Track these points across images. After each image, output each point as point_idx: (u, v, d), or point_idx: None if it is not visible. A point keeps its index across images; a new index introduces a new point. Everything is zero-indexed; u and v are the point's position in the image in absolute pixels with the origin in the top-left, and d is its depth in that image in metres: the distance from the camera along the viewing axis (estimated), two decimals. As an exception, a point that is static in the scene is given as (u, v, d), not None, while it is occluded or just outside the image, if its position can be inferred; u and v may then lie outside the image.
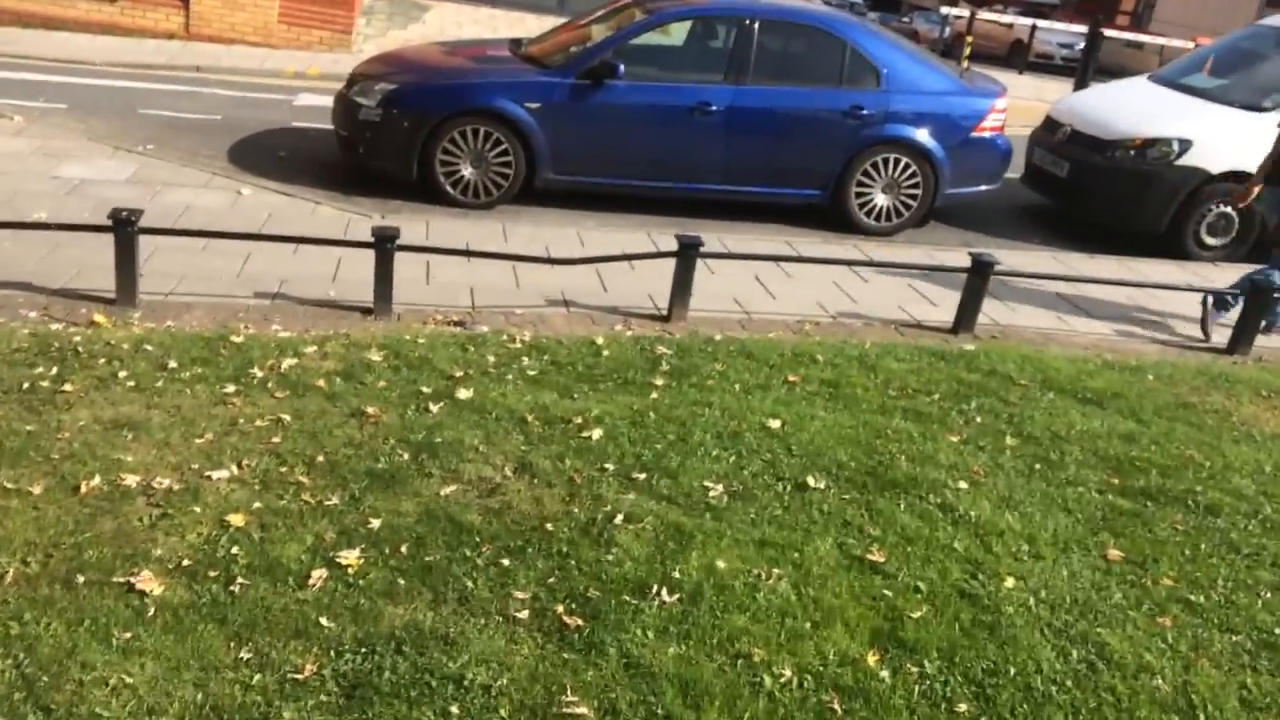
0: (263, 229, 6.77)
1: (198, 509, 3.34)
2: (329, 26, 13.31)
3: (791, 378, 4.98)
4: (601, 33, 8.32)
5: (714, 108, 7.87)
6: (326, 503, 3.48)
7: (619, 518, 3.52)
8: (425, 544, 3.27)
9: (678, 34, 8.56)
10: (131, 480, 3.46)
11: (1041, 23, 21.47)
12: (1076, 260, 8.07)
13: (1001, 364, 5.49)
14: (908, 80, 8.19)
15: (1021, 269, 7.07)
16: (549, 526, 3.45)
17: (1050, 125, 9.27)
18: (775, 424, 4.41)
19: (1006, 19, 24.76)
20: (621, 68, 7.69)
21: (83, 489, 3.39)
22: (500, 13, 16.81)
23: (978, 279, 6.01)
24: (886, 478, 4.04)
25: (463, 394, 4.43)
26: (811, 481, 3.93)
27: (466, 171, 7.81)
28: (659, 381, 4.78)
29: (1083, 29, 22.46)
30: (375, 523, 3.36)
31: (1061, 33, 23.81)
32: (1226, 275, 8.20)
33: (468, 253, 5.92)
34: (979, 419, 4.77)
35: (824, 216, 8.38)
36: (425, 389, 4.46)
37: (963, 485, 4.07)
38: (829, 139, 8.09)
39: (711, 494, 3.78)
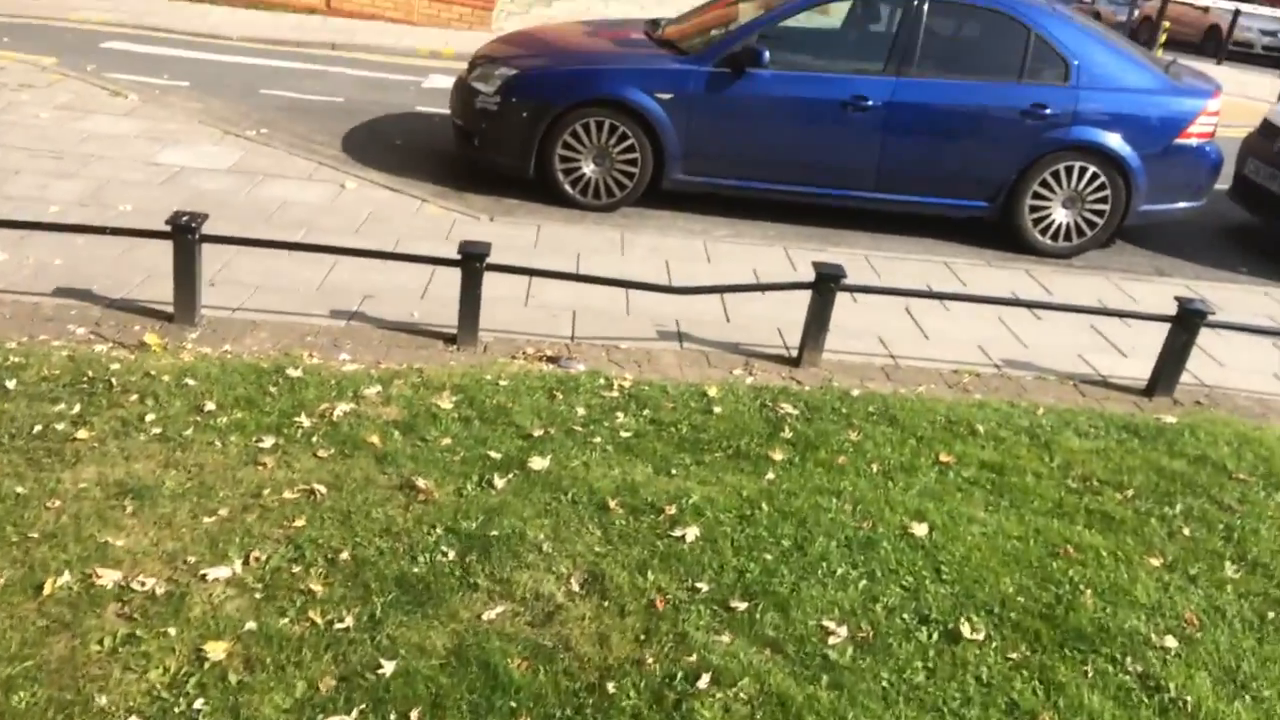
0: (360, 228, 6.18)
1: (174, 630, 2.68)
2: (469, 3, 12.76)
3: (944, 457, 4.04)
4: (749, 13, 7.41)
5: (870, 102, 6.89)
6: (337, 625, 2.77)
7: (705, 678, 2.70)
8: (445, 707, 2.52)
9: (835, 15, 7.58)
10: (109, 578, 2.84)
11: (1245, 6, 19.31)
12: (1299, 298, 6.79)
13: (1213, 446, 4.41)
14: (1102, 75, 7.00)
15: (1236, 318, 5.86)
16: (611, 687, 2.65)
17: (1270, 131, 7.90)
18: (921, 529, 3.50)
19: (1203, 1, 22.50)
20: (766, 55, 6.78)
21: (48, 588, 2.78)
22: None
23: (1183, 332, 4.91)
24: (1068, 624, 3.09)
25: (537, 463, 3.67)
26: (967, 629, 3.02)
27: (588, 169, 7.05)
28: (778, 455, 3.92)
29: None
30: (389, 666, 2.63)
31: (1265, 18, 21.48)
32: None
33: (565, 275, 5.14)
34: (1187, 530, 3.74)
35: (991, 232, 7.30)
36: (495, 453, 3.72)
37: (1170, 643, 3.08)
38: (1003, 142, 7.00)
39: (832, 641, 2.91)
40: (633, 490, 3.55)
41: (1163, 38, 17.57)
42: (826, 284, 4.72)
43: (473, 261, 4.60)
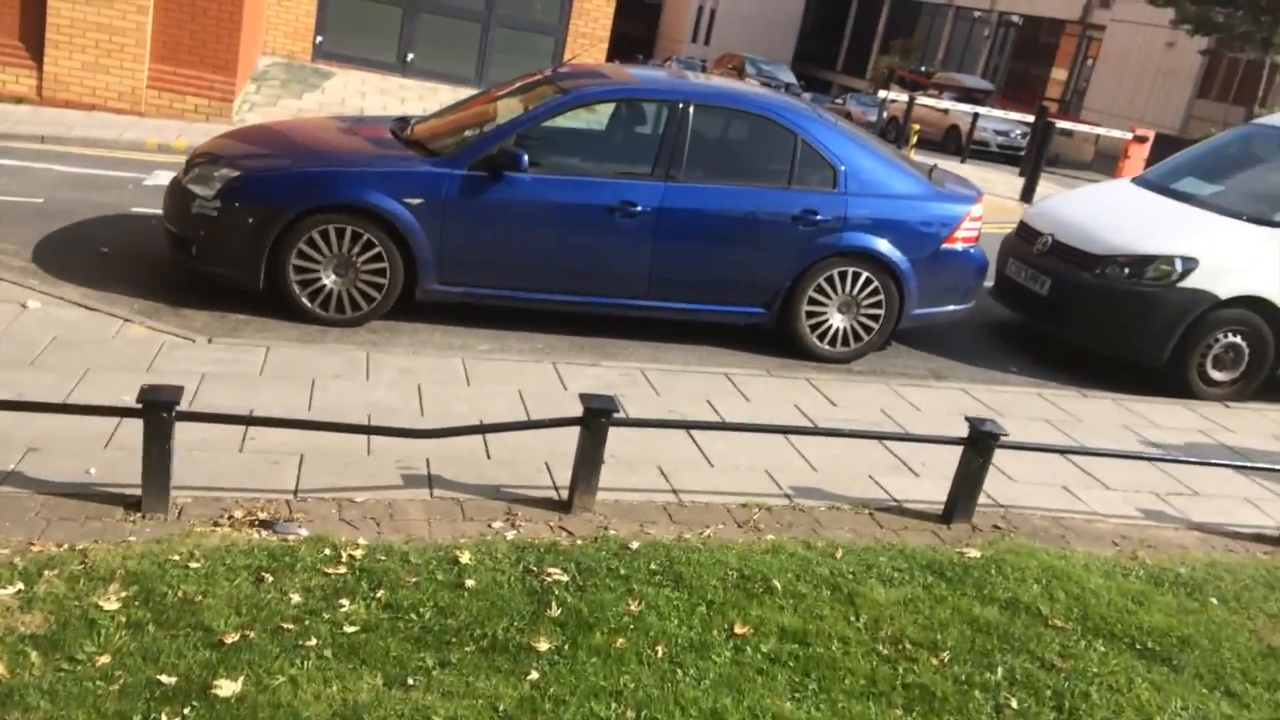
0: (38, 359, 5.10)
1: None
2: (206, 93, 11.71)
3: (740, 627, 3.45)
4: (506, 113, 6.87)
5: (639, 208, 6.43)
6: None
7: None
8: None
9: (597, 119, 7.15)
10: None
11: (981, 110, 20.70)
12: (1069, 400, 6.73)
13: (1022, 585, 4.02)
14: (870, 181, 6.84)
15: (1020, 433, 5.66)
16: None
17: (1026, 233, 8.01)
18: (718, 737, 2.86)
19: (943, 104, 24.06)
20: (525, 158, 6.22)
21: None
22: (412, 83, 15.38)
23: (977, 455, 4.57)
24: None
25: (226, 687, 2.80)
26: None
27: (329, 280, 6.23)
28: (544, 644, 3.21)
29: (1020, 117, 21.80)
30: None
31: (998, 120, 23.12)
32: (1241, 419, 6.93)
33: (285, 423, 4.30)
34: (1014, 703, 3.27)
35: (770, 338, 6.95)
36: (168, 676, 2.83)
37: None
38: (776, 248, 6.69)
39: None
40: (355, 718, 2.74)
41: (913, 139, 18.44)
42: (597, 419, 4.10)
43: (158, 411, 3.69)
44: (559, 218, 6.42)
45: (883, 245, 6.77)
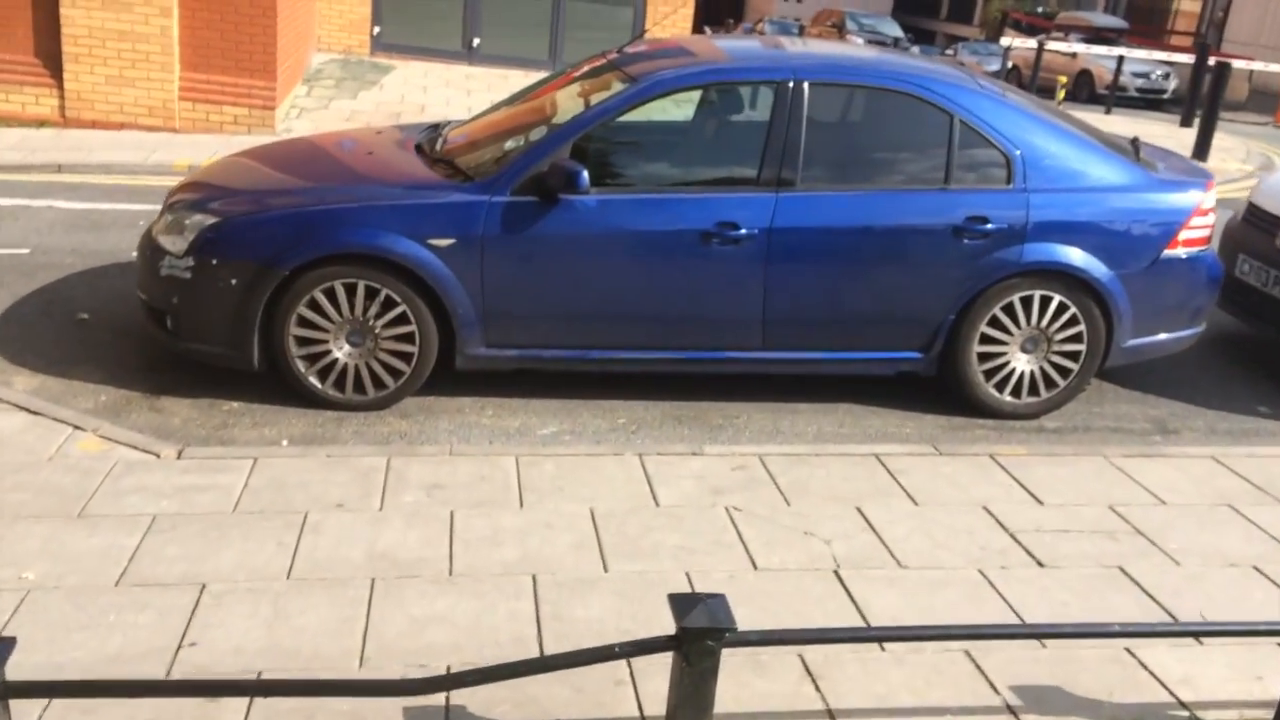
0: (-67, 508, 3.71)
1: None
2: (245, 101, 10.38)
3: None
4: (561, 112, 5.26)
5: (743, 231, 4.76)
6: None
7: None
8: None
9: (680, 112, 5.49)
10: None
11: (1124, 51, 18.27)
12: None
13: None
14: (1057, 170, 5.02)
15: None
16: None
17: (1262, 219, 6.05)
18: None
19: (1073, 47, 21.57)
20: (584, 175, 4.59)
21: None
22: (480, 70, 13.86)
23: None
24: None
25: None
26: None
27: (341, 353, 4.74)
28: None
29: (1163, 56, 19.26)
30: None
31: (1136, 60, 20.55)
32: None
33: (145, 688, 2.77)
34: None
35: (928, 388, 5.23)
36: None
37: None
38: (933, 271, 4.94)
39: None
40: None
41: (1061, 92, 16.16)
42: (700, 644, 2.46)
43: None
44: (635, 250, 4.79)
45: (1080, 258, 4.95)
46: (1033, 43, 20.16)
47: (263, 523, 3.73)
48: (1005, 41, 19.93)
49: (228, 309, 4.65)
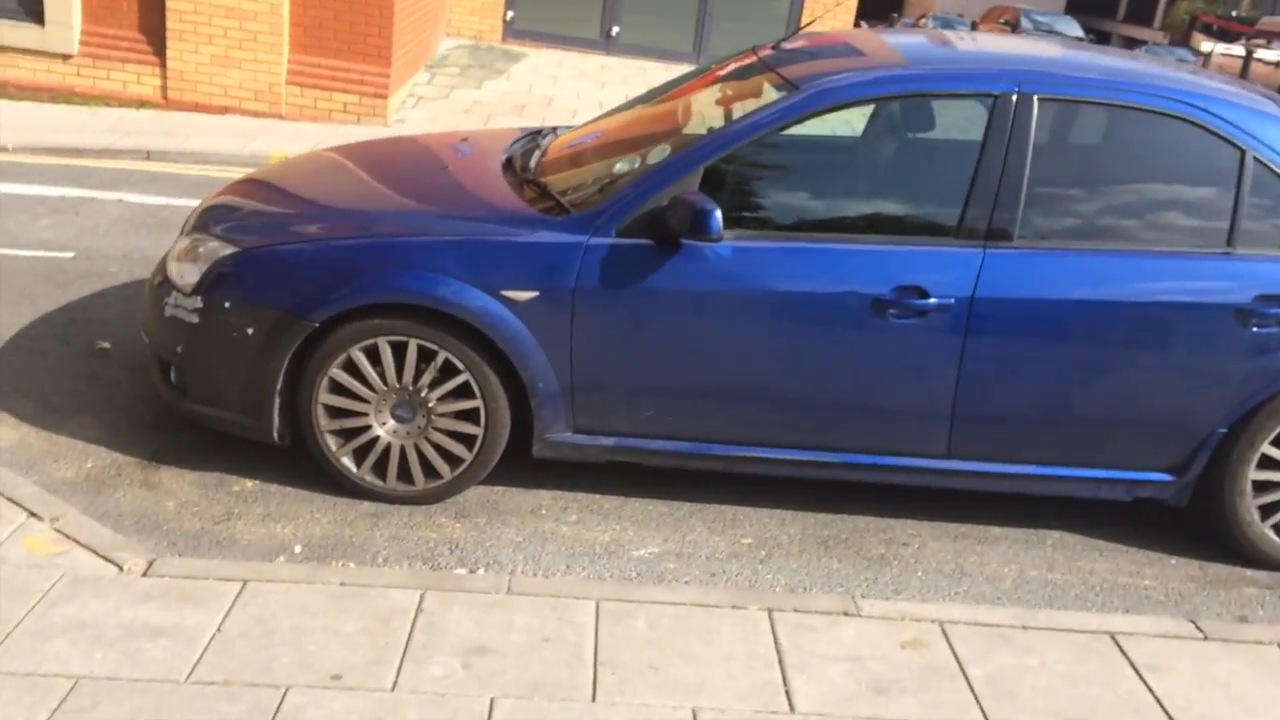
0: None
1: None
2: (356, 89, 9.46)
3: None
4: (694, 124, 4.01)
5: (934, 300, 3.43)
6: None
7: None
8: None
9: (847, 130, 4.16)
10: None
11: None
12: None
13: None
14: (1391, 232, 3.52)
15: None
16: None
17: None
18: None
19: (1276, 54, 19.23)
20: (717, 216, 3.32)
21: None
22: (616, 61, 12.70)
23: None
24: None
25: None
26: None
27: (383, 430, 3.61)
28: None
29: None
30: None
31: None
32: None
33: None
34: None
35: (1170, 520, 3.81)
36: None
37: None
38: (1202, 368, 3.51)
39: None
40: None
41: None
42: None
43: None
44: (780, 318, 3.51)
45: None
46: (1237, 49, 17.93)
47: (221, 705, 2.60)
48: (1206, 47, 17.72)
49: (243, 365, 3.56)
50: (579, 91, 11.26)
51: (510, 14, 12.92)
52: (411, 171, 4.26)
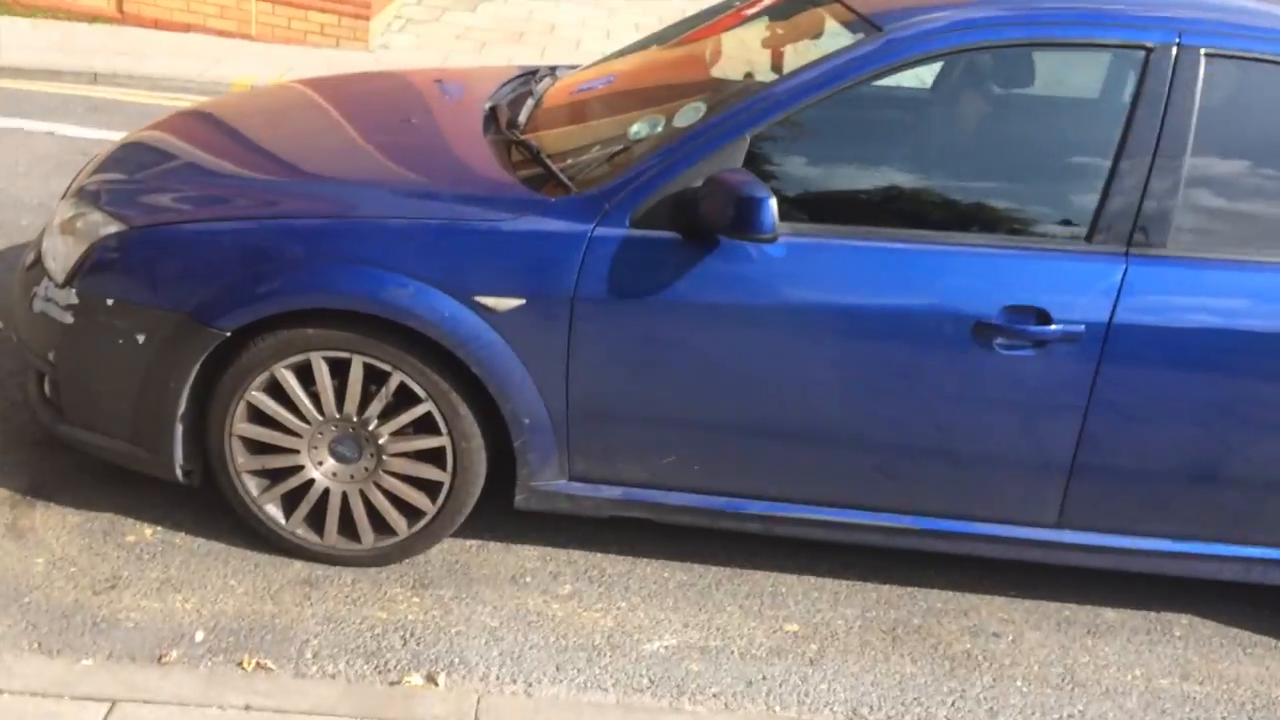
0: None
1: None
2: (334, 8, 8.41)
3: None
4: (732, 67, 3.09)
5: (1058, 327, 2.54)
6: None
7: None
8: None
9: (934, 94, 3.22)
10: None
11: None
12: None
13: None
14: None
15: None
16: None
17: None
18: None
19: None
20: (770, 206, 2.40)
21: None
22: (628, -16, 11.56)
23: None
24: None
25: None
26: None
27: (320, 470, 2.75)
28: None
29: None
30: None
31: None
32: None
33: None
34: None
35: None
36: None
37: None
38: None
39: None
40: None
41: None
42: None
43: None
44: (849, 342, 2.62)
45: None
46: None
47: None
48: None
49: (133, 382, 2.68)
50: (584, 18, 10.19)
51: (512, -72, 11.72)
52: (373, 124, 3.30)
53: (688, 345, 2.63)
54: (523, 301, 2.57)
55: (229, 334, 2.58)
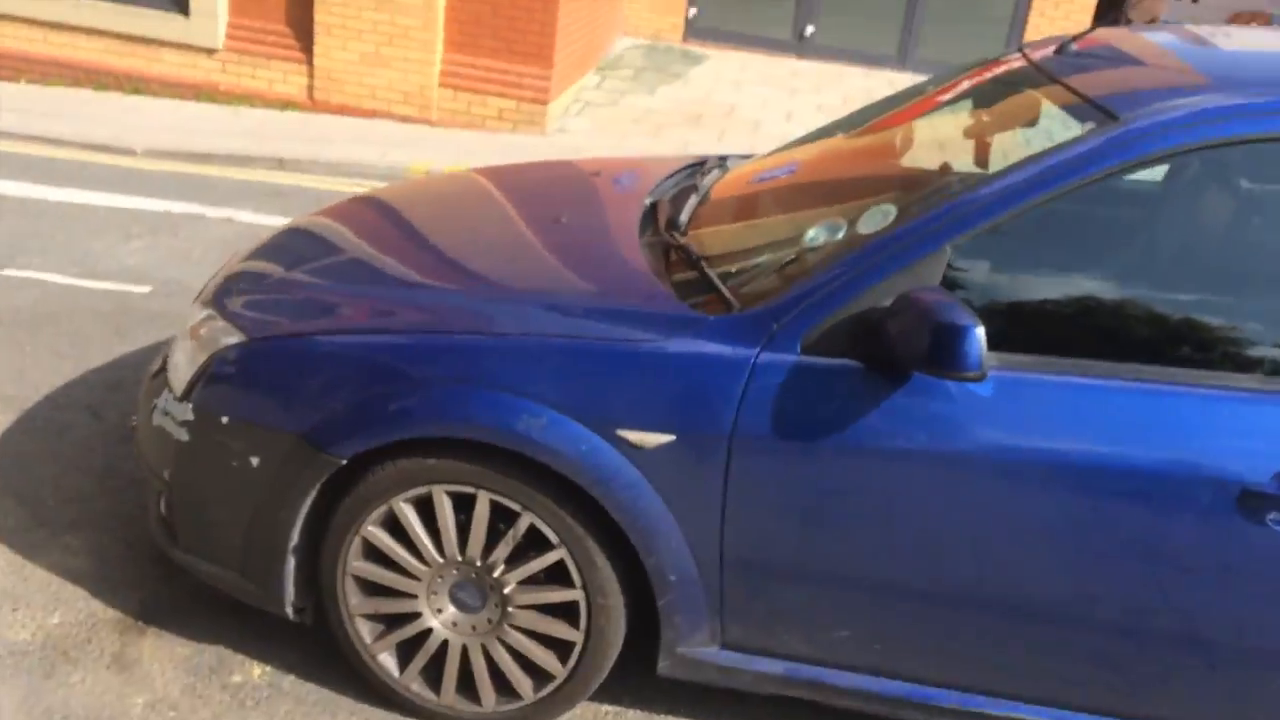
0: None
1: None
2: (513, 93, 8.41)
3: None
4: (925, 158, 2.65)
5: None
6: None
7: None
8: None
9: (1184, 189, 2.70)
10: None
11: None
12: None
13: None
14: None
15: None
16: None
17: None
18: None
19: None
20: (978, 339, 1.95)
21: None
22: (808, 65, 11.28)
23: None
24: None
25: None
26: None
27: (439, 619, 2.42)
28: None
29: None
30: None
31: None
32: None
33: None
34: None
35: None
36: None
37: None
38: None
39: None
40: None
41: None
42: None
43: None
44: (1075, 504, 2.10)
45: None
46: None
47: None
48: None
49: (244, 509, 2.42)
50: (765, 99, 9.93)
51: (693, 11, 11.67)
52: (524, 221, 3.02)
53: (869, 496, 2.18)
54: (672, 438, 2.19)
55: (344, 461, 2.30)
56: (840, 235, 2.35)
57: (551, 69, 8.39)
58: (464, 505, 2.33)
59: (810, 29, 11.35)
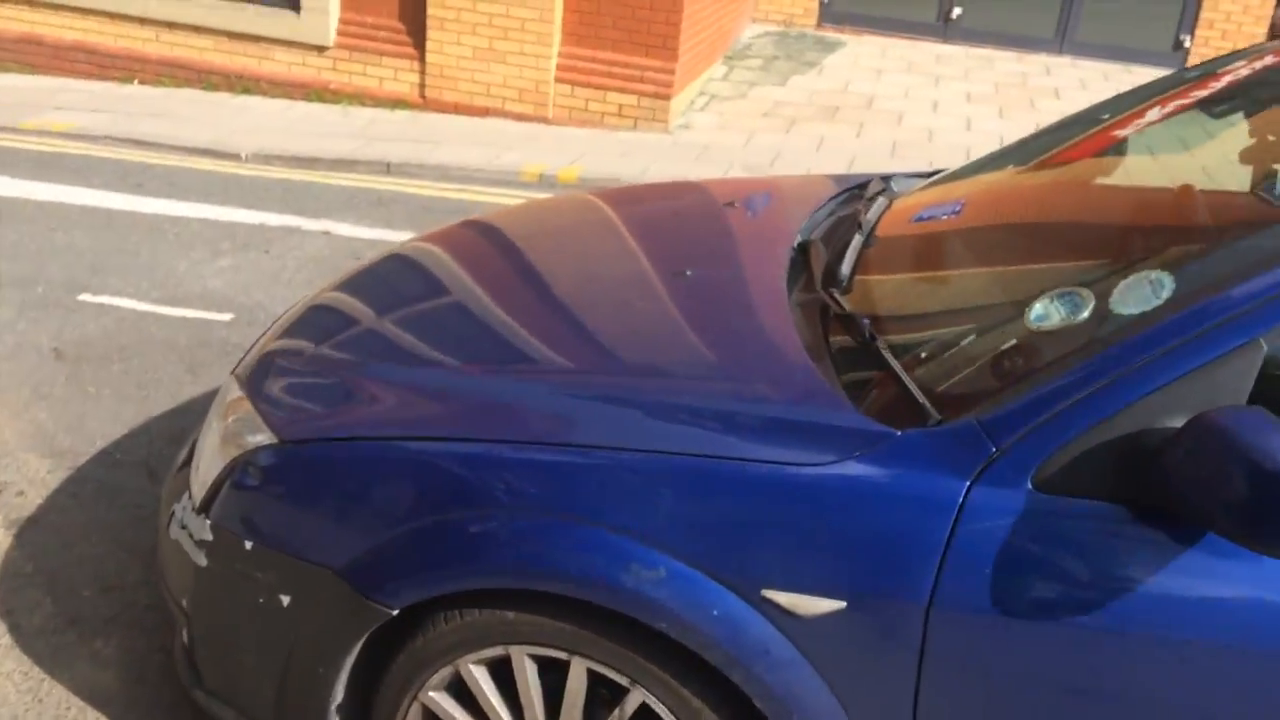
0: None
1: None
2: (634, 87, 7.81)
3: None
4: (1203, 203, 1.92)
5: None
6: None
7: None
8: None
9: None
10: None
11: None
12: None
13: None
14: None
15: None
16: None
17: None
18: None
19: None
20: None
21: None
22: (954, 50, 10.34)
23: None
24: None
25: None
26: None
27: (520, 808, 1.81)
28: None
29: None
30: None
31: None
32: None
33: None
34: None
35: None
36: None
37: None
38: None
39: None
40: None
41: None
42: None
43: None
44: None
45: None
46: None
47: None
48: None
49: (277, 656, 1.87)
50: (907, 89, 9.08)
51: (828, -6, 10.86)
52: (643, 275, 2.38)
53: (1143, 689, 1.48)
54: (842, 605, 1.53)
55: (395, 613, 1.71)
56: (1085, 314, 1.65)
57: (676, 61, 7.74)
58: (554, 673, 1.72)
59: (957, 10, 10.41)
